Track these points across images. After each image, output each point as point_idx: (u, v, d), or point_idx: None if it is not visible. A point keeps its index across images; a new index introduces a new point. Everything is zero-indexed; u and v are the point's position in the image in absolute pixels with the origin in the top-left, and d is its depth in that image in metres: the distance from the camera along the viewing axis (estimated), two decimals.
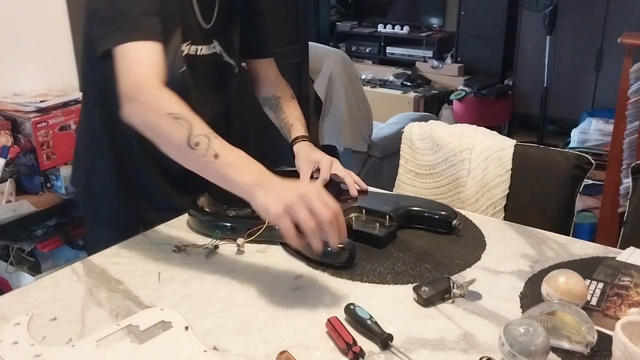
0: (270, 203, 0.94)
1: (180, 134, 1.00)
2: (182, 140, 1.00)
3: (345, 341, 0.87)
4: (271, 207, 0.94)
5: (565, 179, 1.50)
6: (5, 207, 1.85)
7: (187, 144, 1.00)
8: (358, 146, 3.11)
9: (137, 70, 1.07)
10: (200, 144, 1.00)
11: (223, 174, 1.00)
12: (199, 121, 1.03)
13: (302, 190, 0.95)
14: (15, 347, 0.89)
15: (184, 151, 1.01)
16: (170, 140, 1.02)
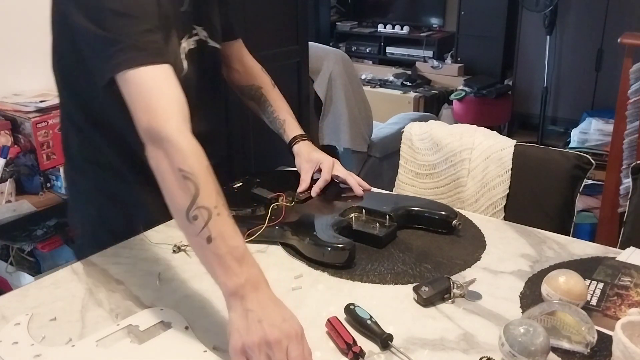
0: (234, 331, 0.84)
1: (182, 200, 0.90)
2: (182, 207, 0.90)
3: (345, 341, 0.87)
4: (232, 338, 0.84)
5: (565, 179, 1.50)
6: (5, 207, 1.85)
7: (185, 215, 0.89)
8: (358, 146, 3.11)
9: (156, 108, 0.96)
10: (198, 219, 0.89)
11: (209, 263, 0.89)
12: (209, 185, 0.92)
13: (273, 335, 0.81)
14: (15, 347, 0.89)
15: (181, 219, 0.91)
16: (173, 200, 0.92)
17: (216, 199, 0.91)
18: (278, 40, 2.55)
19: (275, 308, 0.86)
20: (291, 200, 1.30)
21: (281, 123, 1.41)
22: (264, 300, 0.86)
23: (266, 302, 0.86)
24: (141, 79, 0.97)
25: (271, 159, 2.06)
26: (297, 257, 1.15)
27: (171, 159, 0.92)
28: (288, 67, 2.64)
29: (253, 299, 0.85)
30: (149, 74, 0.98)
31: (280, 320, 0.84)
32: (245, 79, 1.46)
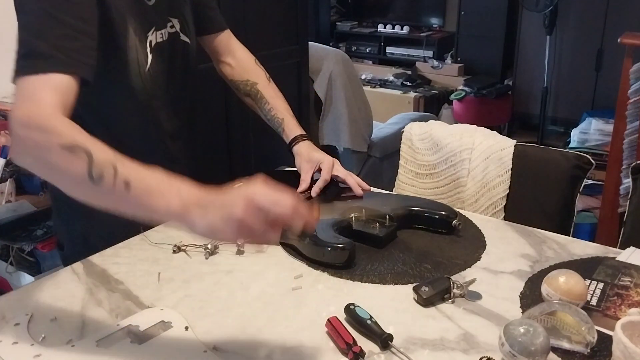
0: (216, 224, 0.79)
1: (78, 168, 0.84)
2: (82, 175, 0.83)
3: (345, 341, 0.87)
4: (221, 230, 0.80)
5: (565, 179, 1.50)
6: (5, 207, 1.85)
7: (89, 178, 0.83)
8: (358, 146, 3.11)
9: (28, 105, 0.92)
10: (104, 175, 0.83)
11: (141, 204, 0.83)
12: (99, 146, 0.86)
13: (242, 199, 0.78)
14: (15, 347, 0.89)
15: (87, 187, 0.84)
16: (69, 177, 0.86)
17: (111, 152, 0.86)
18: (278, 40, 2.55)
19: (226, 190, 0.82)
20: None
21: (280, 122, 1.40)
22: (211, 191, 0.82)
23: (214, 192, 0.82)
24: (25, 85, 0.95)
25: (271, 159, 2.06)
26: (297, 257, 1.15)
27: (46, 141, 0.87)
28: (288, 67, 2.64)
29: (204, 196, 0.81)
30: (37, 81, 0.94)
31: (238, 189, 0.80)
32: (239, 74, 1.43)
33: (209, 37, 1.40)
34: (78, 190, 0.87)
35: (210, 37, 1.40)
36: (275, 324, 0.95)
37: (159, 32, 1.21)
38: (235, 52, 1.43)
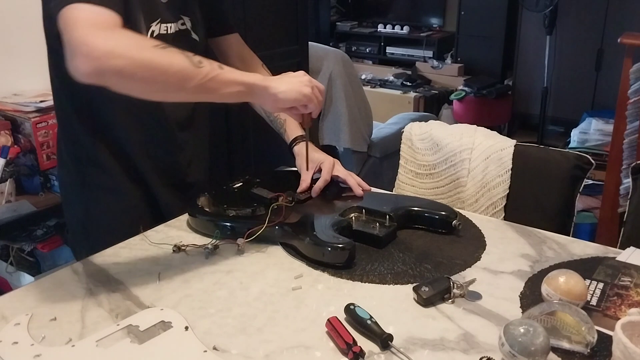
0: (294, 84, 1.09)
1: (180, 59, 0.97)
2: (185, 64, 0.97)
3: (345, 341, 0.87)
4: (298, 88, 1.09)
5: (565, 179, 1.50)
6: (5, 207, 1.85)
7: (192, 65, 0.97)
8: (358, 146, 3.11)
9: (94, 17, 0.95)
10: (202, 61, 0.99)
11: (233, 79, 1.03)
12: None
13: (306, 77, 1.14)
14: (15, 347, 0.89)
15: (189, 74, 0.97)
16: (174, 69, 0.96)
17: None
18: (278, 40, 2.55)
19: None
20: (291, 200, 1.30)
21: (282, 123, 1.41)
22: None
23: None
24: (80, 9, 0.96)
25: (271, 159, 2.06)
26: (297, 257, 1.15)
27: (138, 43, 0.97)
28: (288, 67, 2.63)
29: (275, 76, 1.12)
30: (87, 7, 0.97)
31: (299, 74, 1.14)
32: None
33: (218, 39, 1.43)
34: (177, 78, 0.97)
35: (220, 39, 1.43)
36: (275, 324, 0.95)
37: (164, 25, 1.23)
38: (244, 56, 1.46)
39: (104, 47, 0.91)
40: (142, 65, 0.93)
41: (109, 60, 0.91)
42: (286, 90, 1.10)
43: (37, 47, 2.14)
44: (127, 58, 0.92)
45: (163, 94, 1.02)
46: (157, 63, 0.95)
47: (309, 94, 1.12)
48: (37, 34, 2.12)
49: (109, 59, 0.91)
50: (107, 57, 0.91)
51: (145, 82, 0.96)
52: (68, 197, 1.36)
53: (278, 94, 1.09)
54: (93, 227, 1.32)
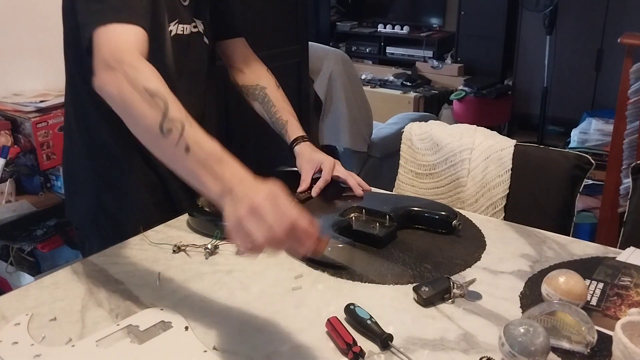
0: (229, 215, 0.84)
1: (153, 115, 0.92)
2: (154, 123, 0.91)
3: (345, 341, 0.87)
4: (228, 221, 0.84)
5: (565, 179, 1.50)
6: (5, 207, 1.85)
7: (159, 128, 0.90)
8: (358, 146, 3.11)
9: (116, 42, 1.01)
10: (172, 131, 0.90)
11: (192, 172, 0.89)
12: (176, 103, 0.94)
13: (258, 197, 0.82)
14: (15, 347, 0.89)
15: (154, 136, 0.92)
16: (142, 119, 0.93)
17: (185, 113, 0.93)
18: (278, 40, 2.55)
19: (258, 183, 0.86)
20: (291, 200, 1.30)
21: (283, 124, 1.42)
22: (248, 184, 0.86)
23: (252, 184, 0.86)
24: (108, 31, 1.02)
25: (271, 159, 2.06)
26: (297, 257, 1.15)
27: (135, 80, 0.95)
28: (288, 67, 2.64)
29: (240, 189, 0.85)
30: (117, 27, 1.03)
31: (263, 187, 0.85)
32: (250, 79, 1.46)
33: (225, 42, 1.45)
34: (145, 135, 0.95)
35: (227, 42, 1.44)
36: (275, 324, 0.95)
37: (181, 25, 1.25)
38: (249, 60, 1.47)
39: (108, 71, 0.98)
40: (123, 102, 0.96)
41: (106, 84, 0.98)
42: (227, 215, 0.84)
43: (37, 47, 2.15)
44: (117, 89, 0.96)
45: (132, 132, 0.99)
46: (132, 108, 0.95)
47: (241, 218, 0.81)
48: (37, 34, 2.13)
49: (106, 83, 0.98)
50: (105, 81, 0.98)
51: (121, 115, 0.98)
52: (78, 190, 1.37)
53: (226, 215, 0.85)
54: (105, 220, 1.33)
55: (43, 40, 2.12)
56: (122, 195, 1.32)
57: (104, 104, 1.25)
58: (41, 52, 2.12)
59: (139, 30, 1.06)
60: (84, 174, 1.33)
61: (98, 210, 1.33)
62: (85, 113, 1.28)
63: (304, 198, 1.32)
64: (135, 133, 0.96)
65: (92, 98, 1.25)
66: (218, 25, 1.39)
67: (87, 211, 1.35)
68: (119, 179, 1.32)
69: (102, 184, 1.32)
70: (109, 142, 1.28)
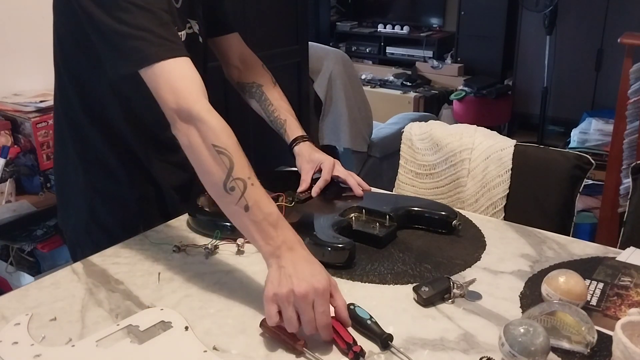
0: (269, 282, 0.91)
1: (219, 173, 0.97)
2: (219, 180, 0.97)
3: (345, 341, 0.87)
4: (266, 288, 0.91)
5: (565, 179, 1.50)
6: (5, 207, 1.85)
7: (223, 186, 0.96)
8: (358, 146, 3.11)
9: (183, 90, 1.02)
10: (235, 189, 0.96)
11: (248, 229, 0.97)
12: (242, 159, 0.99)
13: (300, 288, 0.88)
14: (15, 347, 0.89)
15: (218, 191, 0.98)
16: (209, 175, 0.99)
17: (249, 170, 0.99)
18: (278, 40, 2.55)
19: (306, 265, 0.92)
20: (291, 200, 1.30)
21: (282, 123, 1.41)
22: (297, 258, 0.93)
23: (299, 260, 0.93)
24: (168, 68, 1.02)
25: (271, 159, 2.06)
26: None
27: (204, 136, 0.98)
28: (288, 67, 2.64)
29: (287, 257, 0.93)
30: (173, 65, 1.03)
31: (310, 276, 0.90)
32: (246, 77, 1.45)
33: (218, 39, 1.43)
34: (211, 188, 1.00)
35: (220, 39, 1.43)
36: None
37: (182, 32, 1.23)
38: (244, 56, 1.45)
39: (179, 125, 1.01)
40: (193, 155, 1.00)
41: (179, 134, 1.02)
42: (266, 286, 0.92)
43: (37, 47, 2.15)
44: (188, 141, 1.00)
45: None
46: (202, 161, 0.99)
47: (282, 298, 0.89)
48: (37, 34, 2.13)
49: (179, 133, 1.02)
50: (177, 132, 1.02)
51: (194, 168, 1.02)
52: (70, 198, 1.35)
53: (268, 278, 0.93)
54: (97, 230, 1.31)
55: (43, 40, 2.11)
56: (115, 206, 1.31)
57: (97, 116, 1.24)
58: (41, 52, 2.12)
59: (188, 61, 1.05)
60: (76, 182, 1.32)
61: (90, 220, 1.32)
62: (79, 125, 1.26)
63: (304, 198, 1.32)
64: (203, 182, 1.01)
65: (85, 111, 1.24)
66: (211, 22, 1.37)
67: (79, 220, 1.34)
68: (112, 189, 1.30)
69: (95, 195, 1.30)
70: (103, 153, 1.27)
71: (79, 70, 1.21)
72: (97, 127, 1.25)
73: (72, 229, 1.37)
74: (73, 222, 1.36)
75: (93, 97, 1.23)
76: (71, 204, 1.35)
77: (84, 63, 1.19)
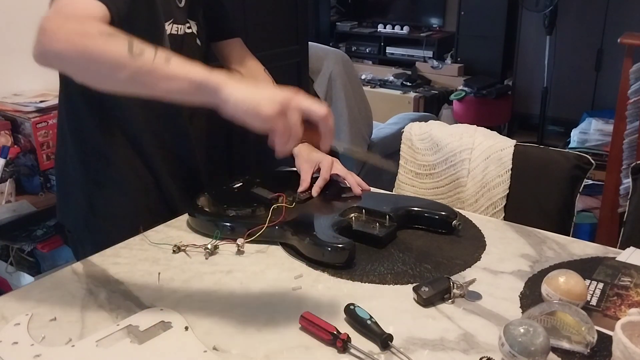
0: (260, 100, 0.81)
1: (118, 46, 0.86)
2: (122, 51, 0.86)
3: (328, 331, 0.88)
4: (264, 106, 0.81)
5: (565, 179, 1.50)
6: (5, 207, 1.85)
7: (130, 53, 0.85)
8: (358, 146, 3.11)
9: (70, 8, 0.96)
10: (144, 50, 0.86)
11: (180, 76, 0.85)
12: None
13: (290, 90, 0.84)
14: (15, 347, 0.89)
15: (125, 64, 0.86)
16: (107, 56, 0.87)
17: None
18: (278, 40, 2.55)
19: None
20: (291, 200, 1.30)
21: None
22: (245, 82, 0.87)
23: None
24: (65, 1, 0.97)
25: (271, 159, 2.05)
26: (297, 257, 1.15)
27: (86, 30, 0.90)
28: (288, 67, 2.64)
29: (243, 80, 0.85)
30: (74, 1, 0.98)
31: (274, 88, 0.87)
32: None
33: (220, 44, 1.44)
34: (115, 72, 0.88)
35: (222, 43, 1.44)
36: (275, 324, 0.95)
37: (175, 25, 1.26)
38: (246, 60, 1.46)
39: (50, 31, 0.91)
40: (78, 50, 0.89)
41: (51, 43, 0.91)
42: (241, 100, 0.84)
43: None
44: (67, 42, 0.90)
45: (97, 82, 0.94)
46: (92, 50, 0.89)
47: (267, 116, 0.84)
48: None
49: (52, 42, 0.91)
50: (50, 40, 0.91)
51: (80, 69, 0.93)
52: (70, 192, 1.36)
53: (229, 101, 0.84)
54: (97, 224, 1.32)
55: None
56: (114, 198, 1.31)
57: (98, 107, 1.25)
58: None
59: (103, 8, 0.99)
60: (75, 176, 1.32)
61: (89, 213, 1.32)
62: (78, 116, 1.27)
63: (305, 198, 1.32)
64: (96, 73, 0.91)
65: (86, 100, 1.25)
66: (212, 27, 1.39)
67: (79, 215, 1.35)
68: (111, 182, 1.31)
69: (94, 188, 1.31)
70: (102, 145, 1.27)
71: None
72: (96, 116, 1.26)
73: (72, 223, 1.37)
74: (73, 216, 1.36)
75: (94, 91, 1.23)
76: (71, 198, 1.35)
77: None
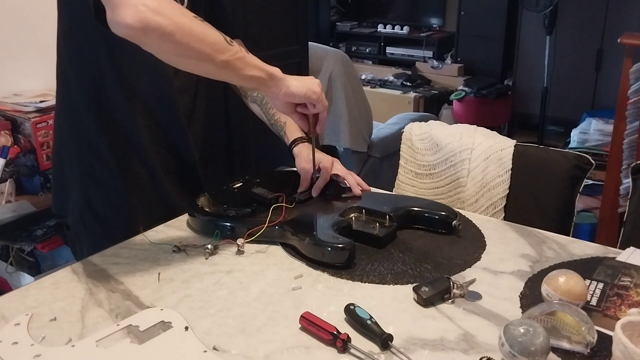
0: (310, 86, 1.16)
1: (215, 33, 1.03)
2: (219, 38, 1.04)
3: (328, 332, 0.88)
4: (316, 87, 1.17)
5: (565, 179, 1.50)
6: (5, 207, 1.85)
7: (225, 40, 1.04)
8: (358, 146, 3.11)
9: None
10: (233, 41, 1.06)
11: (258, 65, 1.09)
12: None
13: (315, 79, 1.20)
14: (15, 347, 0.89)
15: (222, 48, 1.04)
16: (207, 38, 1.02)
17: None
18: (278, 40, 2.55)
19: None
20: (292, 200, 1.30)
21: (282, 125, 1.42)
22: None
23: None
24: None
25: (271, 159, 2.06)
26: (297, 257, 1.15)
27: (183, 11, 1.01)
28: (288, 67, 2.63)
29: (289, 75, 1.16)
30: None
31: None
32: None
33: None
34: (216, 52, 1.04)
35: None
36: (275, 324, 0.95)
37: None
38: None
39: (152, 3, 0.96)
40: (182, 28, 0.99)
41: (155, 15, 0.95)
42: (298, 85, 1.16)
43: (37, 47, 2.15)
44: (171, 19, 0.97)
45: (194, 61, 1.04)
46: (196, 30, 1.01)
47: (319, 92, 1.19)
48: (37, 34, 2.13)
49: (155, 14, 0.95)
50: (153, 12, 0.95)
51: (182, 46, 1.00)
52: (66, 187, 1.35)
53: (291, 86, 1.15)
54: (92, 218, 1.32)
55: (43, 40, 2.12)
56: (110, 195, 1.31)
57: (95, 103, 1.25)
58: (41, 52, 2.12)
59: None
60: (71, 170, 1.32)
61: (85, 209, 1.32)
62: (75, 111, 1.28)
63: (305, 198, 1.32)
64: (197, 52, 1.02)
65: (84, 98, 1.25)
66: None
67: (74, 207, 1.34)
68: (107, 178, 1.30)
69: (90, 183, 1.31)
70: (99, 141, 1.27)
71: (84, 58, 1.23)
72: (94, 116, 1.26)
73: (68, 215, 1.37)
74: (69, 209, 1.36)
75: (91, 77, 1.24)
76: (67, 193, 1.35)
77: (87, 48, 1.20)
